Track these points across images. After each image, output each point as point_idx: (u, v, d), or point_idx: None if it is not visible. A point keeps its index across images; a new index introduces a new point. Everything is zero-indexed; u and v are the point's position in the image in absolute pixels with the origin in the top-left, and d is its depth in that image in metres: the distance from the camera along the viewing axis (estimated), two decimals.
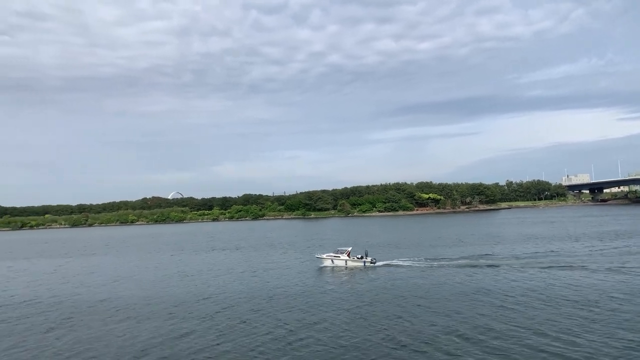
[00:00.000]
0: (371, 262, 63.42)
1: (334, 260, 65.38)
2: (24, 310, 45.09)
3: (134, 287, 55.58)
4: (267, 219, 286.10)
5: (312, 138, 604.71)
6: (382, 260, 65.49)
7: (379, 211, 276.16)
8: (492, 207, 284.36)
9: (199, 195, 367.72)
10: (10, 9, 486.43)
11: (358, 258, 64.82)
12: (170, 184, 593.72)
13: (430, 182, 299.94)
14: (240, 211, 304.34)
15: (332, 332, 32.94)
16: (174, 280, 59.31)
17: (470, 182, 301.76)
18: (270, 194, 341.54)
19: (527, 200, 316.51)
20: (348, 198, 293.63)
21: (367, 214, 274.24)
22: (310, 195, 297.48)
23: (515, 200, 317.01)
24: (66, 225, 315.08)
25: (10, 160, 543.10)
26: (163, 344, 31.70)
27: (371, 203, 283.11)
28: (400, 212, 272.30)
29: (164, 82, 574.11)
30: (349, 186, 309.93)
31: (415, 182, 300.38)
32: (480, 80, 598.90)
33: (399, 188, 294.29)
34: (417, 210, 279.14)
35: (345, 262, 64.59)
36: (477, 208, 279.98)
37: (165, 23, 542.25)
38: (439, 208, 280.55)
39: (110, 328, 36.45)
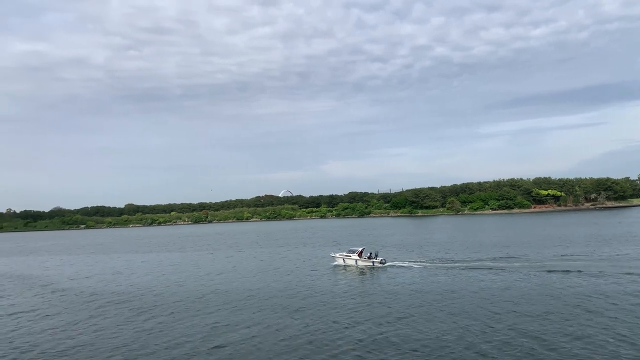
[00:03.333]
0: (380, 262, 65.02)
1: (345, 260, 68.34)
2: (141, 297, 49.76)
3: (232, 279, 58.83)
4: (373, 217, 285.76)
5: (418, 134, 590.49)
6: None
7: (492, 209, 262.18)
8: (621, 204, 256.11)
9: (307, 193, 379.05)
10: (138, 26, 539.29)
11: (367, 258, 66.68)
12: (280, 183, 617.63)
13: (549, 177, 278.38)
14: (346, 209, 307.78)
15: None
16: (268, 275, 61.97)
17: (596, 176, 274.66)
18: (375, 191, 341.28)
19: None
20: (458, 195, 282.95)
21: (478, 212, 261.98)
22: (417, 192, 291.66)
23: None
24: (189, 222, 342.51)
25: (140, 162, 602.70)
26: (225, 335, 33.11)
27: (483, 200, 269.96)
28: (516, 210, 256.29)
29: (272, 86, 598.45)
30: (458, 183, 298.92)
31: (532, 178, 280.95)
32: (603, 66, 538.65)
33: (513, 184, 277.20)
34: (534, 207, 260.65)
35: (356, 261, 66.99)
36: (603, 205, 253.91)
37: (271, 28, 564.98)
38: (559, 205, 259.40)
39: (194, 316, 38.97)
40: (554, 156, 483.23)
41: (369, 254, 68.00)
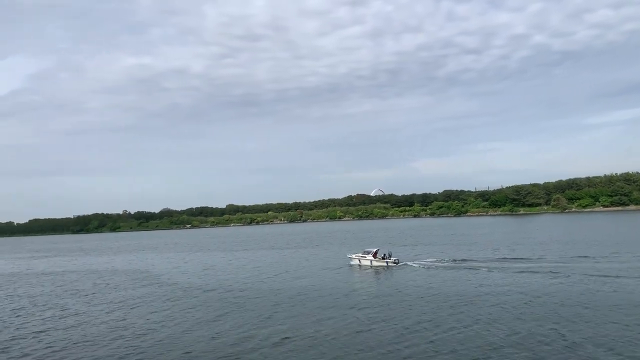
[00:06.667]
0: (394, 262, 67.17)
1: (361, 260, 70.69)
2: (225, 292, 52.04)
3: (302, 276, 59.68)
4: (470, 216, 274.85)
5: (517, 128, 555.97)
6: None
7: (604, 206, 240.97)
8: None
9: (398, 191, 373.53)
10: (233, 34, 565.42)
11: (382, 258, 68.76)
12: (371, 181, 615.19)
13: None
14: (441, 207, 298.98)
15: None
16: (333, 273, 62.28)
17: None
18: (472, 189, 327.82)
19: None
20: (563, 192, 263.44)
21: (588, 209, 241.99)
22: (518, 189, 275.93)
23: None
24: (285, 221, 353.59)
25: (239, 165, 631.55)
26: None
27: (593, 197, 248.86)
28: (632, 207, 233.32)
29: (362, 85, 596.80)
30: (563, 178, 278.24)
31: None
32: None
33: (628, 179, 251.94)
34: None
35: (371, 261, 69.02)
36: None
37: (360, 28, 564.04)
38: None
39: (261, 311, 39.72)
40: None
41: (382, 255, 70.09)
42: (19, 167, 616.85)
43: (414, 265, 66.04)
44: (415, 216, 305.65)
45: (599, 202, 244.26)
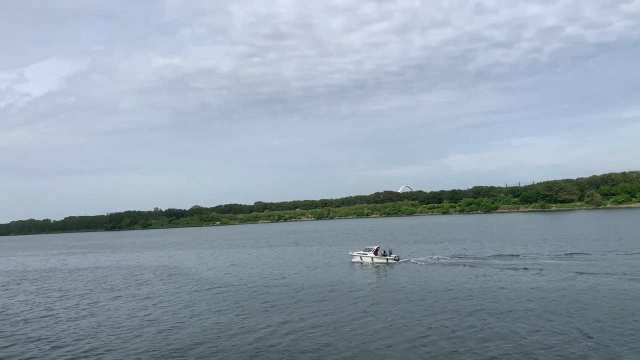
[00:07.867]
0: (394, 259, 68.68)
1: (362, 257, 72.06)
2: (244, 287, 52.65)
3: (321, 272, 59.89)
4: (501, 212, 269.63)
5: (549, 123, 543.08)
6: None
7: None
8: None
9: (427, 188, 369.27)
10: (260, 34, 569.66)
11: (382, 255, 70.21)
12: (399, 178, 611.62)
13: None
14: (470, 204, 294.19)
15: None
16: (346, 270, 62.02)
17: None
18: (502, 185, 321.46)
19: None
20: (598, 187, 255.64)
21: (623, 205, 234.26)
22: (550, 185, 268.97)
23: None
24: (312, 218, 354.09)
25: (267, 162, 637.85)
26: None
27: (629, 192, 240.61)
28: None
29: (389, 81, 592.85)
30: (598, 174, 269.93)
31: None
32: None
33: None
34: None
35: (372, 259, 70.59)
36: None
37: (387, 23, 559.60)
38: None
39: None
40: None
41: (383, 252, 71.40)
42: (56, 167, 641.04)
43: (414, 262, 66.97)
44: (444, 213, 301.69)
45: (636, 197, 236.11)
